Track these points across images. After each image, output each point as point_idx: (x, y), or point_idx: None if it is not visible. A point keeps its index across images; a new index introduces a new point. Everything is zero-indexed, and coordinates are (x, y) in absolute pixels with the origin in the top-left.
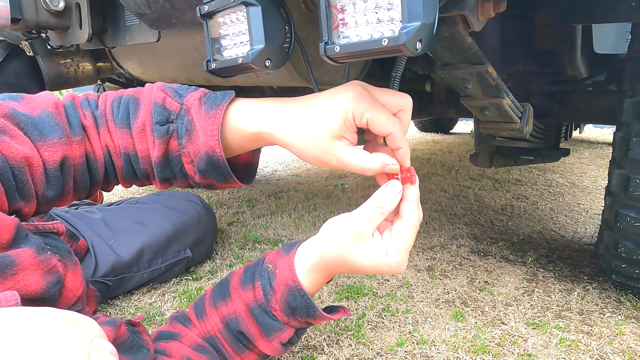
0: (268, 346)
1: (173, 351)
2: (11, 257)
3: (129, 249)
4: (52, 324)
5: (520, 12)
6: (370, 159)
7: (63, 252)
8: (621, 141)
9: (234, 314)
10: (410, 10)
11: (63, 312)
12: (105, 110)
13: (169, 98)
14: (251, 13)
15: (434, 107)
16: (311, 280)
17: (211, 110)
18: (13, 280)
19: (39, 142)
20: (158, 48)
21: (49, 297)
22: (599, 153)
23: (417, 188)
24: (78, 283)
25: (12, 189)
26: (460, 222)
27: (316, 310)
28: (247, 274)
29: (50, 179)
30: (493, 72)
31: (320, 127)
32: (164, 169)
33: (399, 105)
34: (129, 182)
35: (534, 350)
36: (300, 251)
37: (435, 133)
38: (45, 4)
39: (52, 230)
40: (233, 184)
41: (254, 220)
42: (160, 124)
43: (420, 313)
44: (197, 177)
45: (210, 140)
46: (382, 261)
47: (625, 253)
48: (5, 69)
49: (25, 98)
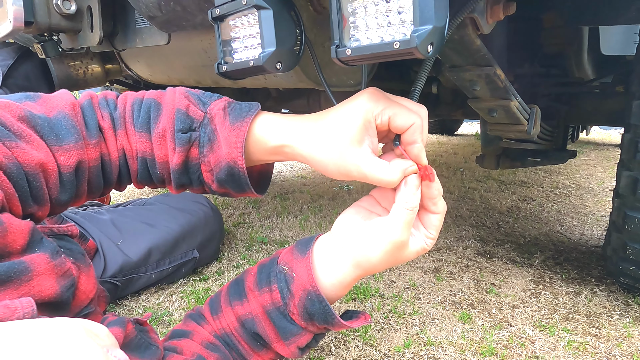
0: (285, 349)
1: (184, 348)
2: (26, 263)
3: (137, 250)
4: (69, 336)
5: (528, 14)
6: (391, 170)
7: (77, 255)
8: (629, 143)
9: (250, 315)
10: (422, 14)
11: (79, 322)
12: (125, 112)
13: (192, 105)
14: (262, 16)
15: (441, 109)
16: (333, 282)
17: (236, 122)
18: (28, 286)
19: (55, 147)
20: (167, 50)
21: (62, 301)
22: (605, 155)
23: (439, 184)
24: (91, 285)
25: (26, 194)
26: (466, 223)
27: (334, 317)
28: (261, 274)
29: (64, 184)
30: (501, 74)
31: (341, 134)
32: (182, 176)
33: (417, 111)
34: (142, 185)
35: (542, 353)
36: (320, 255)
37: (440, 134)
38: (58, 7)
39: (67, 232)
40: (249, 194)
41: (260, 221)
42: (182, 132)
43: (427, 315)
44: (214, 186)
45: (233, 152)
46: (421, 248)
47: (633, 255)
48: (16, 71)
49: (42, 98)
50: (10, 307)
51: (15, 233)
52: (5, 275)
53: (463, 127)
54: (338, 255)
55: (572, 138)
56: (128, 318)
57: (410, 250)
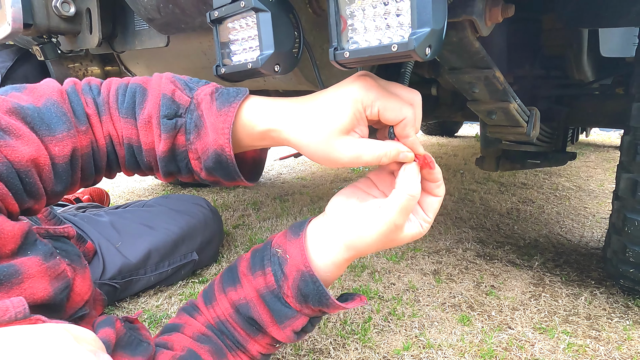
0: (281, 333)
1: (175, 343)
2: (15, 266)
3: (136, 252)
4: (56, 341)
5: (527, 16)
6: (385, 145)
7: (73, 256)
8: (629, 145)
9: (244, 300)
10: (420, 16)
11: (66, 327)
12: (109, 97)
13: (178, 91)
14: (261, 18)
15: (440, 111)
16: (327, 263)
17: (223, 108)
18: (19, 288)
19: (47, 137)
20: (166, 52)
21: (56, 303)
22: (605, 157)
23: (439, 169)
24: (86, 287)
25: (20, 192)
26: (466, 225)
27: (328, 298)
28: (255, 259)
29: (59, 174)
30: (500, 76)
31: (330, 122)
32: (169, 163)
33: (410, 99)
34: (131, 172)
35: (542, 355)
36: (313, 236)
37: (440, 136)
38: (57, 9)
39: (63, 234)
40: (239, 182)
41: (259, 223)
42: (168, 118)
43: (426, 317)
44: (203, 174)
45: (220, 139)
46: (416, 232)
47: (633, 258)
48: (15, 73)
49: (28, 88)
50: (1, 307)
51: (7, 237)
52: None
53: (463, 128)
54: (331, 236)
55: (572, 140)
56: (116, 317)
57: (405, 234)
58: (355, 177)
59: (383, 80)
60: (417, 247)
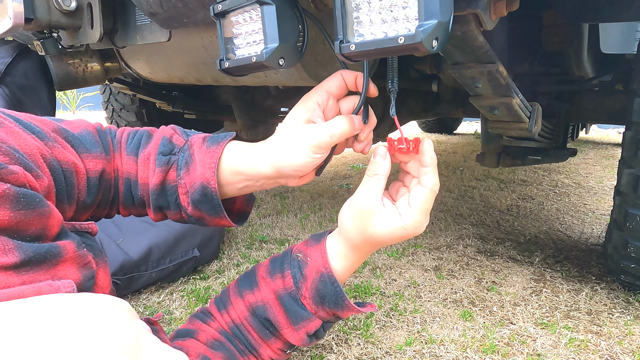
0: (294, 335)
1: (190, 349)
2: (60, 247)
3: (137, 248)
4: (98, 308)
5: (528, 11)
6: (344, 117)
7: (96, 251)
8: (631, 141)
9: (261, 302)
10: (427, 8)
11: (103, 296)
12: (121, 138)
13: (176, 135)
14: (265, 12)
15: (441, 107)
16: (342, 267)
17: (212, 146)
18: (56, 269)
19: (84, 154)
20: (167, 48)
21: (84, 290)
22: (604, 153)
23: (434, 154)
24: (107, 282)
25: (62, 189)
26: (466, 222)
27: (345, 299)
28: (274, 264)
29: (90, 187)
30: (503, 71)
31: (287, 121)
32: (160, 197)
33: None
34: (126, 210)
35: (543, 350)
36: (329, 240)
37: (439, 134)
38: (58, 3)
39: (87, 230)
40: (223, 220)
41: (260, 220)
42: (163, 154)
43: (428, 313)
44: (189, 209)
45: (206, 172)
46: (398, 225)
47: (634, 253)
48: (14, 69)
49: (65, 121)
50: (53, 286)
51: (54, 219)
52: (43, 256)
53: (462, 126)
54: (336, 237)
55: (572, 136)
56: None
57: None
58: (355, 174)
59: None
60: (417, 243)
